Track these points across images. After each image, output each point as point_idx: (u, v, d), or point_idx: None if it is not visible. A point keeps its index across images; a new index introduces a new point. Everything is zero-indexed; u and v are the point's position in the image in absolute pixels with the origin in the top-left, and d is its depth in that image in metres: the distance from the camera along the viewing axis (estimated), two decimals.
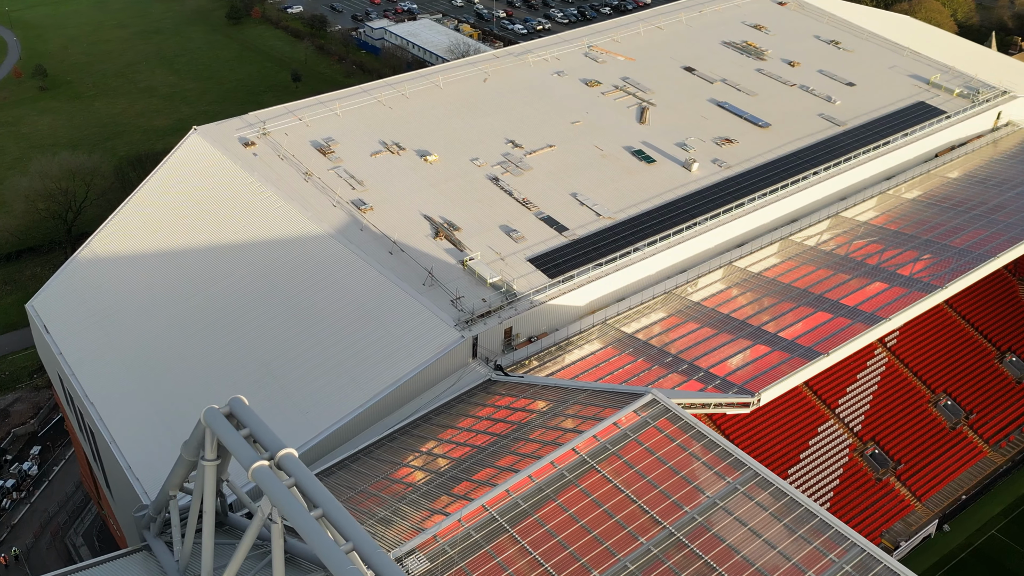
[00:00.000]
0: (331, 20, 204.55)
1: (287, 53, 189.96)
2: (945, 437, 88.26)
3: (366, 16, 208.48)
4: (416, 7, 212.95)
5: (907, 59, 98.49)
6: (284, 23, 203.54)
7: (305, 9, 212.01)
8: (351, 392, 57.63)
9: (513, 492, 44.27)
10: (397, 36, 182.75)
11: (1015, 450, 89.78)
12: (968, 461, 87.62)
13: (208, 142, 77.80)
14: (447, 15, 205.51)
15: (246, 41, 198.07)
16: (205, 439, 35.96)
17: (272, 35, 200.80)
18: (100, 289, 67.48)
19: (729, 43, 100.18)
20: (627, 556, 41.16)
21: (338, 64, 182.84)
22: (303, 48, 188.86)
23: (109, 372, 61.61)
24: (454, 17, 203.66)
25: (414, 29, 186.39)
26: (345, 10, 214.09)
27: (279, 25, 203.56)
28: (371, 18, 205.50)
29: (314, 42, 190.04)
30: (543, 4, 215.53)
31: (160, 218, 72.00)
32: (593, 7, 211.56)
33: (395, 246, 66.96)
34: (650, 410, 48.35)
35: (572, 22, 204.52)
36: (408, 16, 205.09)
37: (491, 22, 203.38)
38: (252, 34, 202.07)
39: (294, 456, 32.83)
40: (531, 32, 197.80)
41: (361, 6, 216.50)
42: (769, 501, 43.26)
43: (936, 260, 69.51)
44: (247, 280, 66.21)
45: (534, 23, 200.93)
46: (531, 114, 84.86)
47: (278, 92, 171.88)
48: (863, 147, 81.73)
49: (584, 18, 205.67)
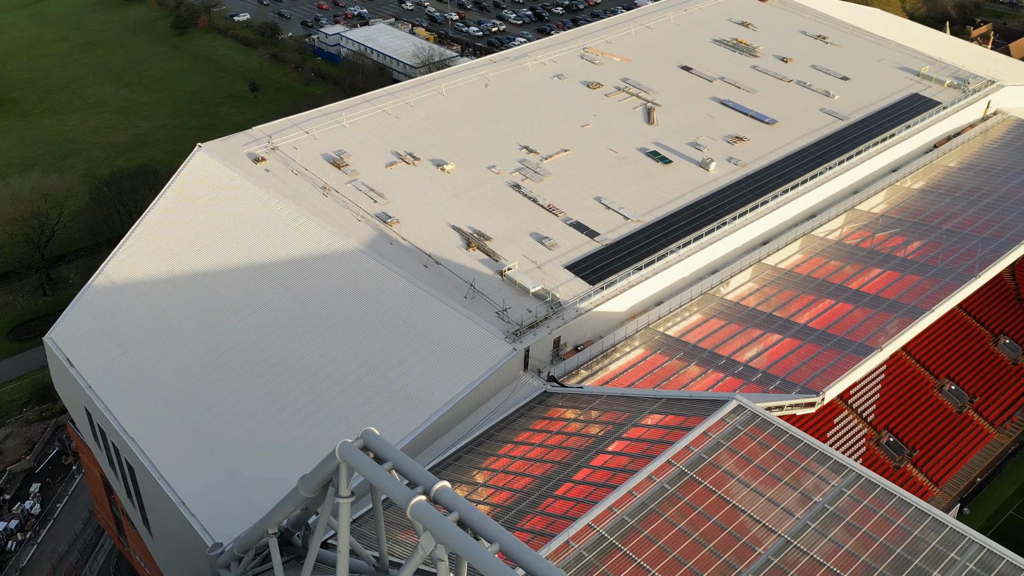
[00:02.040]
0: (281, 27, 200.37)
1: (240, 62, 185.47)
2: (953, 421, 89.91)
3: (316, 22, 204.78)
4: (366, 12, 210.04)
5: (893, 52, 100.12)
6: (233, 32, 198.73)
7: (253, 17, 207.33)
8: (408, 412, 55.96)
9: (617, 508, 43.27)
10: (354, 42, 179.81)
11: (1020, 430, 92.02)
12: (977, 444, 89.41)
13: (216, 159, 75.07)
14: (400, 19, 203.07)
15: (195, 51, 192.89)
16: (340, 475, 34.19)
17: (222, 44, 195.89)
18: (122, 318, 64.50)
19: (720, 41, 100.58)
20: (748, 568, 40.51)
21: (295, 72, 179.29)
22: (257, 57, 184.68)
23: (145, 404, 58.83)
24: (407, 21, 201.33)
25: (371, 34, 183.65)
26: (294, 17, 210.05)
27: (228, 34, 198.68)
28: (322, 24, 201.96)
29: (268, 50, 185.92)
30: (494, 6, 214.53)
31: (175, 241, 69.17)
32: (545, 7, 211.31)
33: (430, 259, 65.37)
34: (737, 417, 47.80)
35: (526, 23, 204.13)
36: (360, 21, 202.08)
37: (445, 25, 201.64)
38: (201, 44, 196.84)
39: (449, 488, 31.38)
40: (487, 34, 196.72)
41: (310, 12, 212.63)
42: (878, 503, 43.05)
43: (961, 249, 70.53)
44: (280, 301, 63.93)
45: (488, 25, 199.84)
46: (539, 119, 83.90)
47: (237, 103, 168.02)
48: (869, 140, 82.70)
49: (538, 19, 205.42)
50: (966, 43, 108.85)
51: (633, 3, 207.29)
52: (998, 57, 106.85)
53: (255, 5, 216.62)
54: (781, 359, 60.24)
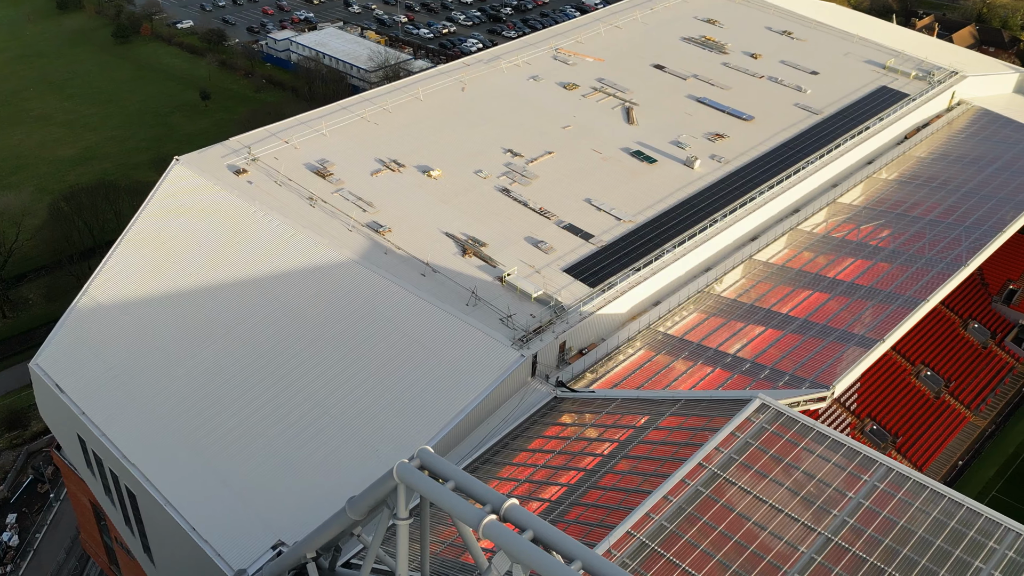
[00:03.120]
0: (227, 34, 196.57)
1: (187, 71, 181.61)
2: (931, 407, 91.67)
3: (262, 28, 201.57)
4: (313, 16, 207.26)
5: (858, 45, 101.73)
6: (178, 40, 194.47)
7: (196, 24, 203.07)
8: (420, 425, 55.00)
9: (654, 514, 42.95)
10: (305, 47, 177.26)
11: (994, 412, 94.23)
12: (956, 427, 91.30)
13: (195, 173, 73.05)
14: (348, 23, 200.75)
15: (140, 60, 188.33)
16: (398, 496, 33.23)
17: (167, 53, 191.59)
18: (111, 340, 62.30)
19: (689, 39, 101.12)
20: (793, 568, 40.49)
21: (245, 79, 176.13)
22: (205, 65, 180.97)
23: (144, 428, 56.87)
24: (357, 24, 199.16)
25: (321, 39, 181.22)
26: (239, 23, 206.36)
27: (173, 42, 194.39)
28: (268, 30, 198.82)
29: (215, 58, 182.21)
30: (443, 7, 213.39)
31: (161, 258, 67.07)
32: (494, 7, 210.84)
33: (427, 267, 64.41)
34: (762, 415, 47.84)
35: (476, 24, 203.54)
36: (308, 26, 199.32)
37: (395, 28, 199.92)
38: (144, 53, 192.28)
39: (519, 506, 30.67)
40: (437, 36, 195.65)
41: (255, 18, 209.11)
42: (912, 495, 43.41)
43: (947, 239, 71.80)
44: (275, 317, 62.39)
45: (438, 27, 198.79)
46: (519, 121, 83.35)
47: (188, 112, 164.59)
48: (846, 134, 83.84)
49: (494, 19, 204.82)
50: (925, 36, 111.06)
51: (583, 7, 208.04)
52: (956, 48, 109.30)
53: (198, 12, 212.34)
54: (786, 355, 60.57)
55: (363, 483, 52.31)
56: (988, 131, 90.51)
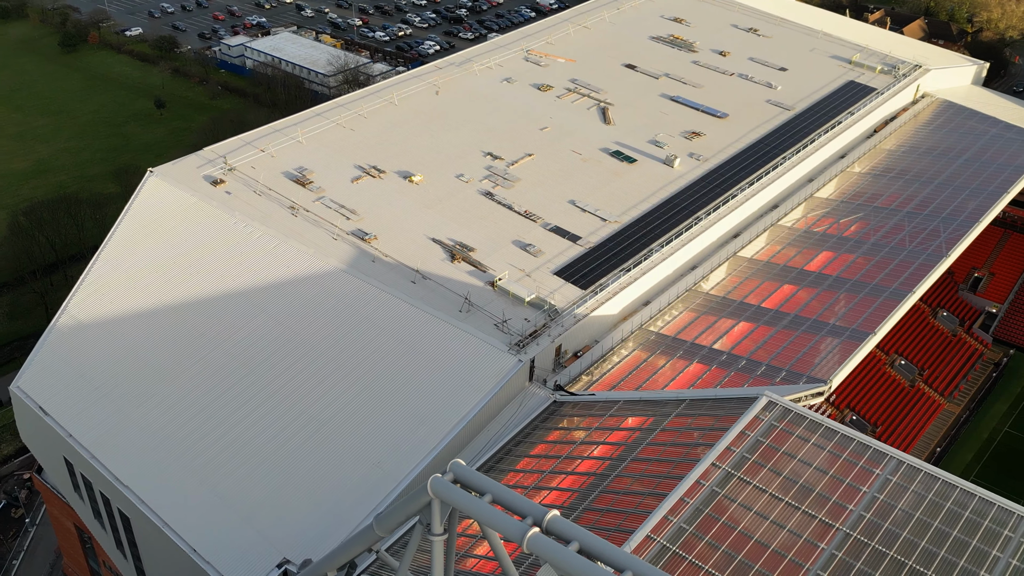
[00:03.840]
0: (179, 41, 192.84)
1: (139, 79, 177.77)
2: (907, 395, 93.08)
3: (214, 34, 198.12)
4: (266, 21, 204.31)
5: (822, 41, 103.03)
6: (128, 48, 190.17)
7: (146, 31, 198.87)
8: (422, 435, 54.32)
9: (672, 517, 42.83)
10: (261, 52, 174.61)
11: (967, 398, 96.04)
12: (932, 415, 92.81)
13: (171, 184, 71.39)
14: (302, 27, 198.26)
15: (89, 70, 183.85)
16: (433, 512, 32.55)
17: (117, 61, 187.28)
18: (95, 359, 60.59)
19: (657, 38, 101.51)
20: (815, 564, 40.65)
21: (200, 86, 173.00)
22: (157, 73, 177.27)
23: (135, 449, 55.38)
24: (311, 29, 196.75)
25: (277, 44, 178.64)
26: (189, 29, 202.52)
27: (123, 50, 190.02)
28: (220, 36, 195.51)
29: (168, 65, 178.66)
30: (397, 10, 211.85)
31: (141, 273, 65.40)
32: (448, 9, 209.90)
33: (417, 275, 63.68)
34: (770, 413, 48.01)
35: (431, 26, 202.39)
36: (261, 31, 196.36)
37: (350, 31, 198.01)
38: (94, 62, 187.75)
39: (562, 517, 30.23)
40: (394, 38, 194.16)
41: (206, 24, 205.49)
42: (924, 487, 43.86)
43: (926, 230, 72.92)
44: (265, 329, 61.18)
45: (394, 29, 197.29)
46: (497, 124, 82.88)
47: (143, 121, 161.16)
48: (819, 129, 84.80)
49: (447, 20, 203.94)
50: (886, 31, 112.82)
51: (538, 7, 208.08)
52: (914, 42, 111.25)
53: (146, 19, 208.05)
54: (780, 351, 60.98)
55: (366, 496, 51.89)
56: (954, 123, 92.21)
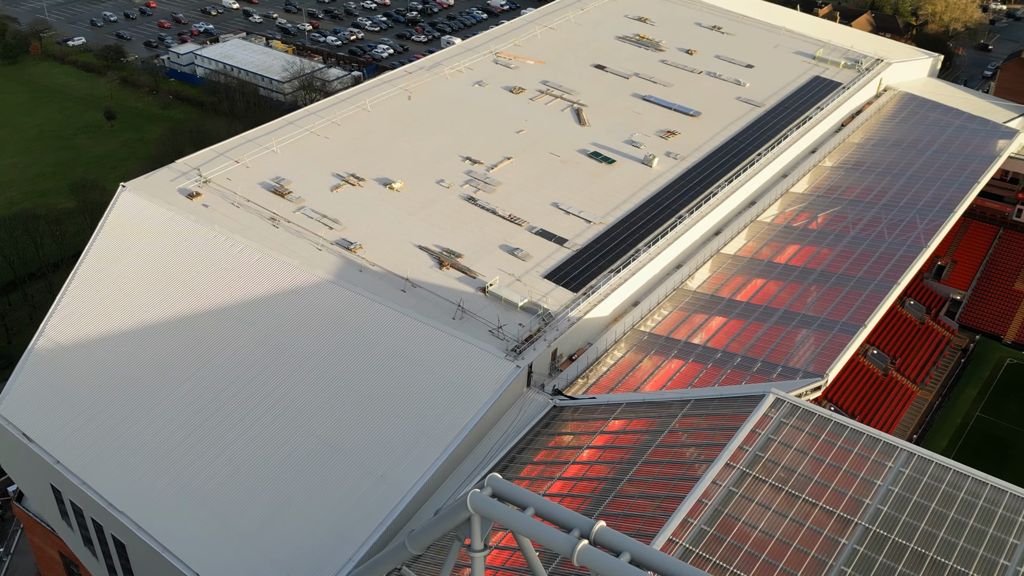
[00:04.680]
0: (125, 50, 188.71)
1: (86, 90, 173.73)
2: (881, 384, 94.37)
3: (160, 42, 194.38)
4: (214, 28, 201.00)
5: (785, 37, 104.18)
6: (72, 58, 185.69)
7: (89, 41, 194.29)
8: (424, 446, 53.55)
9: (692, 519, 42.72)
10: (212, 60, 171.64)
11: (938, 384, 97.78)
12: (906, 403, 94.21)
13: (146, 199, 69.53)
14: (252, 33, 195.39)
15: (33, 82, 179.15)
16: (473, 528, 31.95)
17: (62, 72, 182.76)
18: (78, 381, 58.70)
19: (623, 38, 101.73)
20: (838, 561, 40.82)
21: (150, 96, 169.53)
22: (105, 83, 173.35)
23: (128, 473, 53.71)
24: (261, 35, 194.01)
25: (227, 51, 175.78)
26: (135, 38, 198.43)
27: (66, 61, 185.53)
28: (167, 44, 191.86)
29: (115, 75, 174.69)
30: (347, 14, 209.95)
31: (120, 291, 63.56)
32: (399, 12, 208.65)
33: (407, 283, 62.83)
34: (778, 410, 48.17)
35: (383, 29, 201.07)
36: (209, 38, 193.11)
37: (301, 36, 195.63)
38: (37, 73, 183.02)
39: (609, 528, 29.88)
40: (346, 43, 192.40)
41: (151, 32, 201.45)
42: (937, 479, 44.31)
43: (903, 222, 74.02)
44: (253, 344, 59.82)
45: (346, 33, 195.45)
46: (472, 128, 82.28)
47: (93, 133, 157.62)
48: (790, 124, 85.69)
49: (405, 23, 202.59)
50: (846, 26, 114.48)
51: (489, 8, 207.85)
52: (871, 36, 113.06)
53: (89, 28, 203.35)
54: (774, 347, 61.35)
55: (371, 511, 51.01)
56: (918, 115, 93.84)
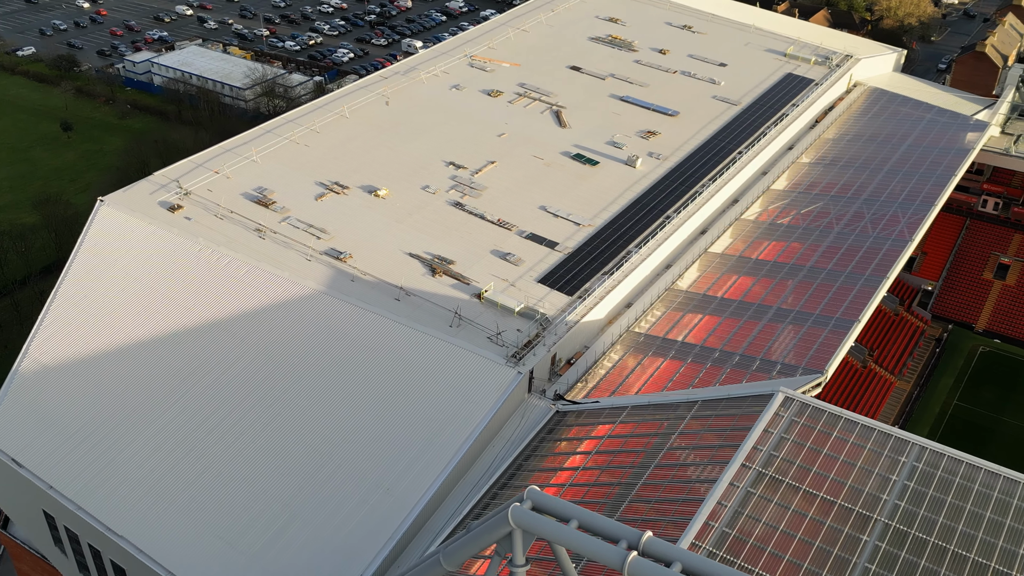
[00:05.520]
0: (78, 59, 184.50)
1: (40, 101, 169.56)
2: (861, 377, 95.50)
3: (114, 51, 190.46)
4: (168, 35, 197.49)
5: (755, 35, 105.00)
6: (22, 68, 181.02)
7: (39, 50, 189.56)
8: (430, 456, 52.85)
9: (713, 522, 42.63)
10: (169, 68, 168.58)
11: (915, 375, 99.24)
12: (885, 394, 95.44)
13: (125, 213, 67.82)
14: (208, 40, 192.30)
15: None
16: (515, 543, 31.46)
17: (12, 83, 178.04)
18: (67, 404, 56.97)
19: (596, 38, 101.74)
20: (861, 558, 40.99)
21: (107, 106, 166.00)
22: (59, 94, 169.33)
23: (126, 496, 52.22)
24: (217, 41, 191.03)
25: (185, 58, 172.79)
26: (87, 47, 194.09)
27: (16, 71, 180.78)
28: (121, 52, 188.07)
29: (70, 85, 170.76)
30: (304, 18, 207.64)
31: (105, 310, 61.85)
32: (356, 15, 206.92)
33: (401, 291, 62.04)
34: (788, 409, 48.29)
35: (342, 33, 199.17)
36: (164, 45, 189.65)
37: (259, 42, 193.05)
38: None
39: (657, 538, 29.57)
40: (305, 47, 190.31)
41: (104, 40, 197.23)
42: (951, 472, 44.72)
43: (886, 216, 74.84)
44: (247, 359, 58.56)
45: (304, 38, 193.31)
46: (453, 132, 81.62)
47: (49, 145, 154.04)
48: (767, 122, 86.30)
49: (355, 27, 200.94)
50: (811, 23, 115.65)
51: (448, 11, 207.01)
52: (839, 33, 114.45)
53: (38, 37, 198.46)
54: (770, 344, 61.62)
55: (380, 525, 50.24)
56: (889, 110, 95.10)
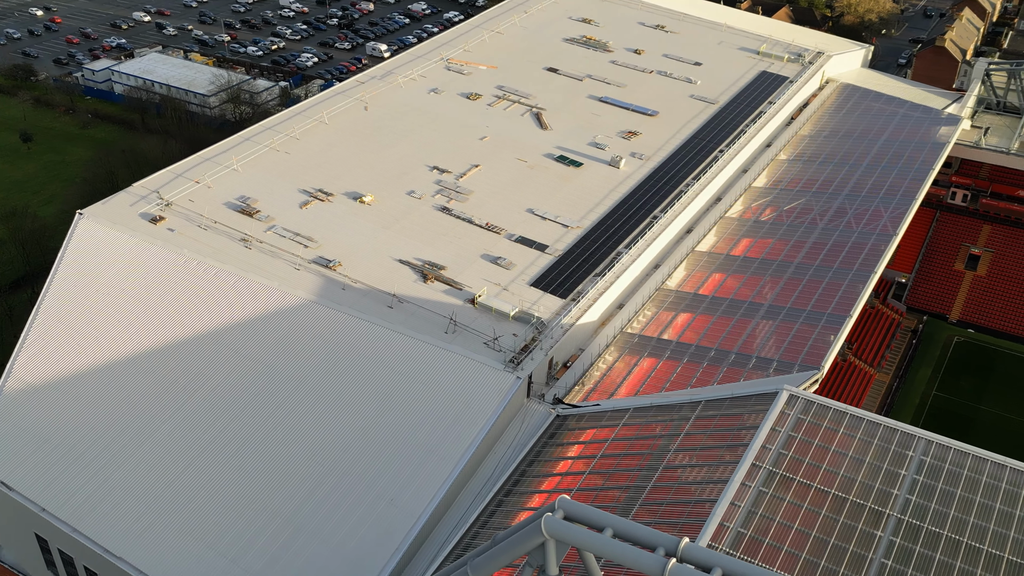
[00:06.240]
0: (34, 68, 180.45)
1: None
2: (841, 370, 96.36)
3: (71, 59, 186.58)
4: (126, 43, 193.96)
5: (727, 34, 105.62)
6: None
7: None
8: (433, 465, 52.32)
9: (727, 522, 42.58)
10: (130, 76, 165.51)
11: (894, 366, 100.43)
12: (866, 387, 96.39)
13: (107, 226, 66.32)
14: (168, 47, 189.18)
15: None
16: (548, 553, 31.04)
17: None
18: (56, 423, 55.49)
19: (571, 39, 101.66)
20: (877, 553, 41.17)
21: (67, 116, 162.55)
22: (16, 104, 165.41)
23: (122, 516, 51.02)
24: (178, 48, 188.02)
25: (146, 66, 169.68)
26: (42, 55, 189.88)
27: None
28: (79, 60, 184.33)
29: (27, 95, 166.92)
30: (265, 23, 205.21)
31: (91, 325, 60.42)
32: (319, 19, 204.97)
33: (393, 299, 61.35)
34: (794, 407, 48.41)
35: (304, 37, 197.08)
36: (123, 53, 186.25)
37: (221, 47, 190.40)
38: None
39: (695, 544, 29.36)
40: (267, 52, 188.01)
41: (60, 49, 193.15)
42: (958, 464, 45.08)
43: (868, 211, 75.54)
44: (241, 371, 57.52)
45: (267, 43, 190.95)
46: (434, 136, 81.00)
47: (8, 157, 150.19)
48: (745, 120, 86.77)
49: (318, 30, 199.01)
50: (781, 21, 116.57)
51: (410, 13, 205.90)
52: (808, 31, 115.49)
53: None
54: (766, 341, 61.85)
55: (385, 536, 49.61)
56: (862, 105, 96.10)
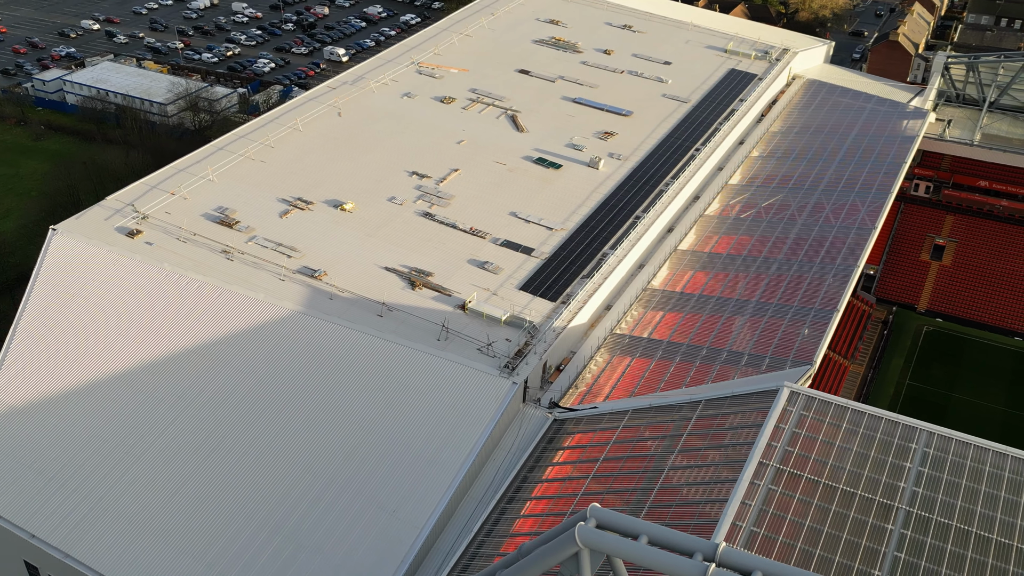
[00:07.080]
0: None
1: None
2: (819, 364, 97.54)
3: (18, 69, 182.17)
4: (76, 51, 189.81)
5: (694, 32, 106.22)
6: None
7: None
8: (434, 475, 51.73)
9: (740, 522, 42.62)
10: (83, 86, 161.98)
11: (867, 358, 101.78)
12: (842, 379, 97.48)
13: (82, 241, 64.63)
14: (119, 55, 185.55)
15: None
16: (583, 563, 30.64)
17: None
18: (41, 445, 53.86)
19: (540, 41, 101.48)
20: (890, 547, 41.47)
21: (19, 127, 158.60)
22: None
23: (116, 540, 49.64)
24: (130, 56, 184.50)
25: (99, 75, 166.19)
26: None
27: None
28: (27, 70, 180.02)
29: None
30: (219, 29, 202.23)
31: (72, 344, 58.79)
32: (274, 24, 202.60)
33: (383, 307, 60.60)
34: (795, 404, 48.64)
35: (260, 43, 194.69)
36: (74, 62, 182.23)
37: (175, 55, 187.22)
38: None
39: (733, 548, 29.19)
40: (223, 59, 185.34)
41: (6, 59, 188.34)
42: (961, 456, 45.60)
43: (845, 205, 76.38)
44: (231, 386, 56.36)
45: (222, 50, 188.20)
46: (411, 141, 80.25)
47: None
48: (719, 118, 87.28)
49: (273, 35, 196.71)
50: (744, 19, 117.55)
51: (367, 16, 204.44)
52: (772, 28, 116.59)
53: None
54: (756, 338, 62.15)
55: (389, 549, 48.99)
56: (830, 101, 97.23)
